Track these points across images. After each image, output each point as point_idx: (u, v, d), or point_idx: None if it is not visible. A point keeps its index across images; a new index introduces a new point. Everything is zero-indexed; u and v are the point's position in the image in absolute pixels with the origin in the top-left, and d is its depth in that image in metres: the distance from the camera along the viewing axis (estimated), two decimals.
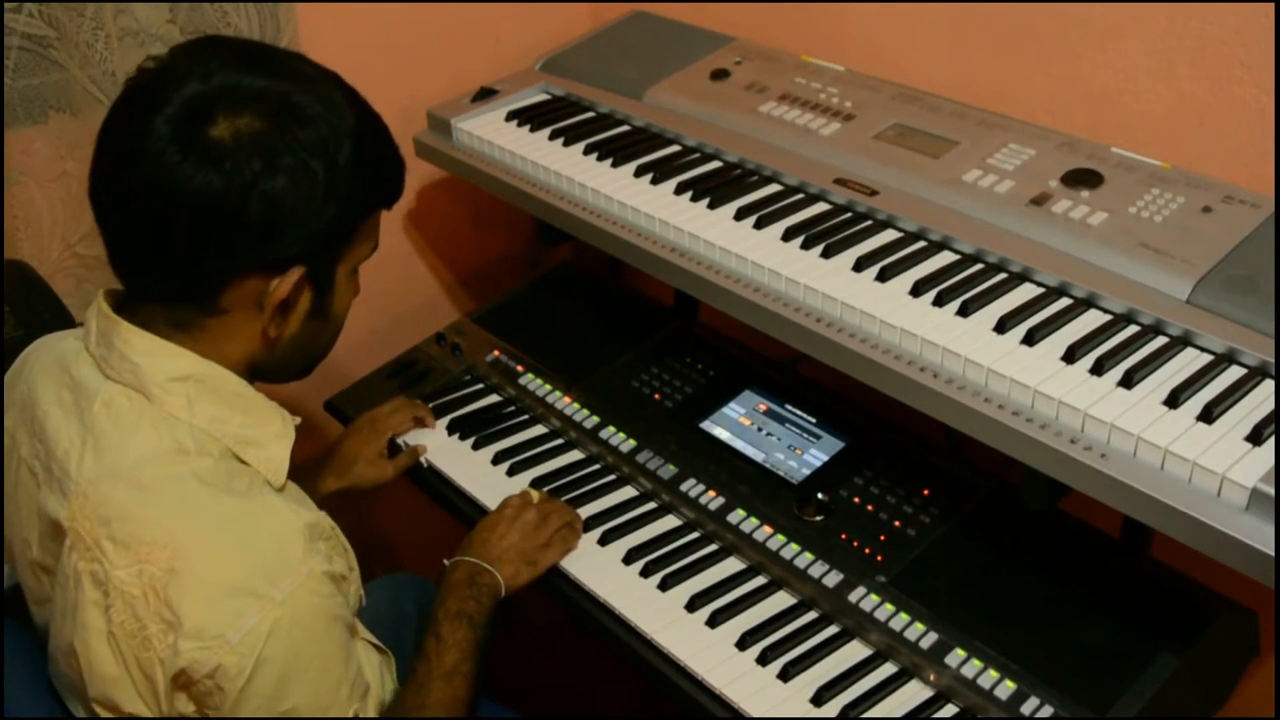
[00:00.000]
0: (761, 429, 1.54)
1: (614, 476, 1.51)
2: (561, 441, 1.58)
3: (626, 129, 1.68)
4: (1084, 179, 1.36)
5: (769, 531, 1.38)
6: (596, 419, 1.59)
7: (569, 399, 1.63)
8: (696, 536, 1.41)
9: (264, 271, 0.99)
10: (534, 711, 1.51)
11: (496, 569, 1.30)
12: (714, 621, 1.28)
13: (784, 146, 1.54)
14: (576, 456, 1.55)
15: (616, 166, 1.57)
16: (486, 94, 1.81)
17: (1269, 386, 1.11)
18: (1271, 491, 0.96)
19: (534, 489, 1.45)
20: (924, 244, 1.36)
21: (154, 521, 0.95)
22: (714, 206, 1.45)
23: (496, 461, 1.54)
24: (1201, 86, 1.38)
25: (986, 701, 1.16)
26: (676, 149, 1.62)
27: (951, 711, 1.18)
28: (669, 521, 1.44)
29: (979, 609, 1.25)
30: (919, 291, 1.26)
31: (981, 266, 1.32)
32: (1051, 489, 1.16)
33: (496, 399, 1.68)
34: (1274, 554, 0.95)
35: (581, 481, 1.50)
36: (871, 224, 1.40)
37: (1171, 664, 1.17)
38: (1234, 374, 1.13)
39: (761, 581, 1.34)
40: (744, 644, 1.25)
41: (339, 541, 1.06)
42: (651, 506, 1.46)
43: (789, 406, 1.56)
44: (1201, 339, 1.16)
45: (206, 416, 1.01)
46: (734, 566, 1.36)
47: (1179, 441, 1.04)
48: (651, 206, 1.46)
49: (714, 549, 1.39)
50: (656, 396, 1.62)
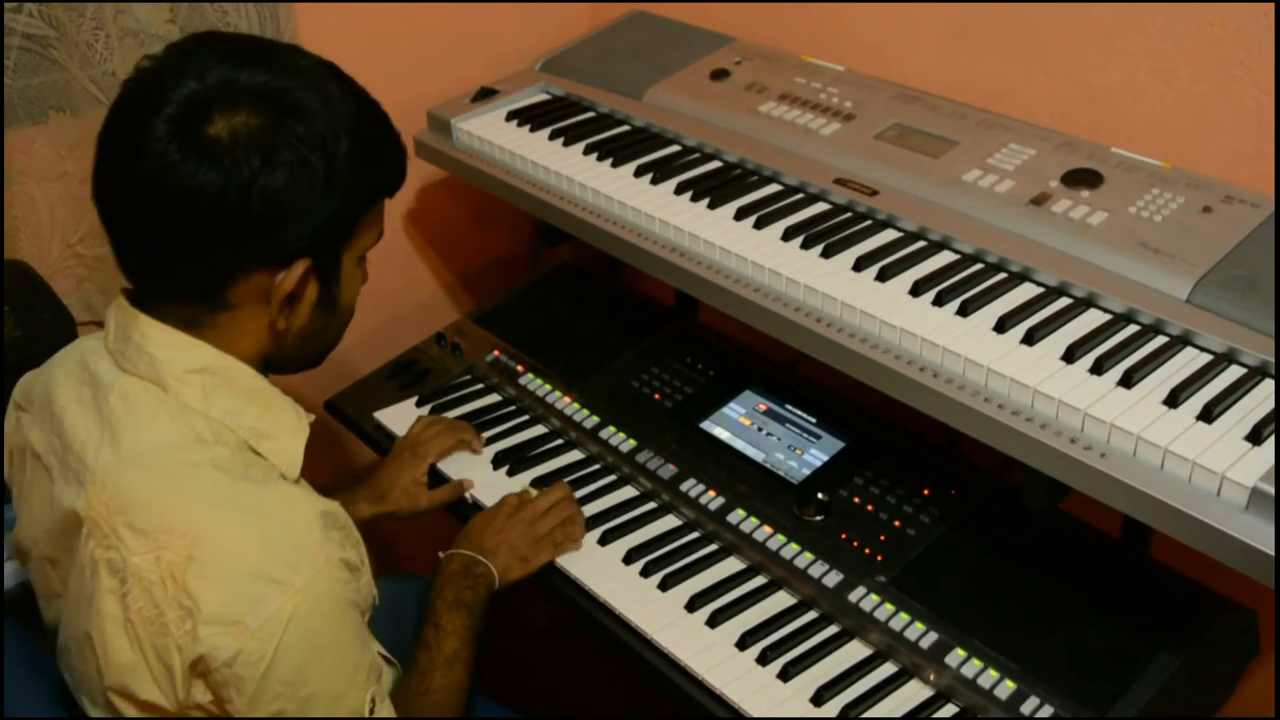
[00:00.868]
0: (761, 429, 1.54)
1: (614, 476, 1.51)
2: (561, 441, 1.58)
3: (626, 129, 1.68)
4: (1084, 179, 1.36)
5: (769, 531, 1.38)
6: (596, 419, 1.59)
7: (569, 399, 1.63)
8: (696, 536, 1.41)
9: (269, 266, 0.99)
10: (534, 711, 1.51)
11: (490, 561, 1.31)
12: (714, 621, 1.28)
13: (784, 146, 1.54)
14: (576, 456, 1.56)
15: (616, 166, 1.57)
16: (486, 94, 1.81)
17: (1269, 386, 1.11)
18: (1271, 491, 0.96)
19: (533, 488, 1.45)
20: (924, 244, 1.36)
21: (172, 508, 0.95)
22: (714, 206, 1.45)
23: (497, 462, 1.54)
24: (1201, 86, 1.38)
25: (986, 701, 1.16)
26: (676, 149, 1.62)
27: (951, 711, 1.18)
28: (669, 521, 1.44)
29: (979, 609, 1.25)
30: (919, 291, 1.26)
31: (981, 266, 1.32)
32: (1051, 489, 1.16)
33: (496, 399, 1.68)
34: (1274, 553, 0.95)
35: (581, 481, 1.50)
36: (871, 224, 1.40)
37: (1172, 664, 1.17)
38: (1234, 373, 1.13)
39: (761, 581, 1.34)
40: (744, 644, 1.25)
41: (352, 532, 1.07)
42: (651, 506, 1.46)
43: (789, 406, 1.56)
44: (1201, 338, 1.16)
45: (222, 408, 1.02)
46: (734, 566, 1.37)
47: (1179, 441, 1.04)
48: (651, 206, 1.46)
49: (714, 549, 1.39)
50: (656, 396, 1.62)
